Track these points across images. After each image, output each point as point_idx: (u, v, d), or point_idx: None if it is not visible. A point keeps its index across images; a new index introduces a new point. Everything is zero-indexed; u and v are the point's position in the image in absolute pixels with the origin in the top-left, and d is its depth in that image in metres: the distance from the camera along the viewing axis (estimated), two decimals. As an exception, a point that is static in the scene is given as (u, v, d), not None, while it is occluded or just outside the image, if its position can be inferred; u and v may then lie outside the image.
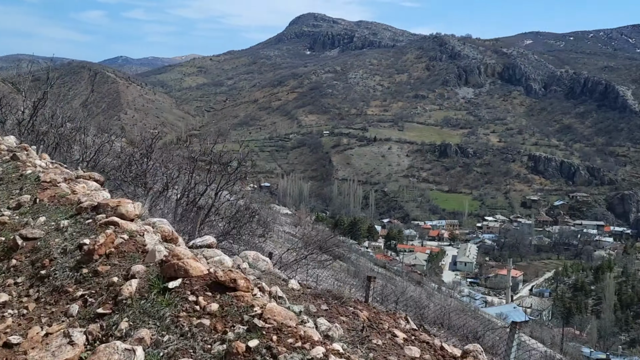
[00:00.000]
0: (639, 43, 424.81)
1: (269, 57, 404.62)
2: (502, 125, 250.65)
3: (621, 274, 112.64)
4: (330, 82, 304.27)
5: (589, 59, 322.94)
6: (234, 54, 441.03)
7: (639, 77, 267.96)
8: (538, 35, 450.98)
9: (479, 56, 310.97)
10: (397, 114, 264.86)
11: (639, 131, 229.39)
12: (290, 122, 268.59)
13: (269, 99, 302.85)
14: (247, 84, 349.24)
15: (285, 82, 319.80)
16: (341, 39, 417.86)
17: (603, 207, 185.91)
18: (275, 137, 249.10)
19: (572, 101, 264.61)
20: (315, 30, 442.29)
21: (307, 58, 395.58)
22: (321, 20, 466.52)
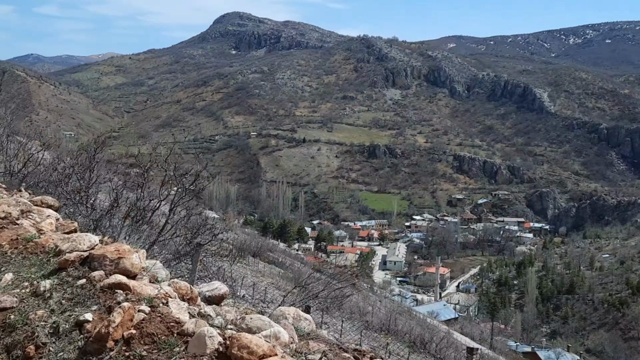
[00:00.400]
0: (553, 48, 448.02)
1: (193, 57, 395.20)
2: (429, 126, 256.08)
3: (541, 268, 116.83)
4: (258, 82, 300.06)
5: (509, 63, 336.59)
6: (155, 52, 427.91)
7: (555, 81, 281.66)
8: (461, 39, 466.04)
9: (405, 58, 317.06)
10: (325, 115, 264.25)
11: (555, 132, 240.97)
12: (216, 123, 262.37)
13: (193, 100, 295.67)
14: (170, 83, 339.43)
15: (210, 82, 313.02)
16: (268, 39, 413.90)
17: (523, 204, 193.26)
18: (200, 138, 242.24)
19: (494, 103, 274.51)
20: (240, 29, 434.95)
21: (232, 58, 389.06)
22: (247, 19, 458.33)
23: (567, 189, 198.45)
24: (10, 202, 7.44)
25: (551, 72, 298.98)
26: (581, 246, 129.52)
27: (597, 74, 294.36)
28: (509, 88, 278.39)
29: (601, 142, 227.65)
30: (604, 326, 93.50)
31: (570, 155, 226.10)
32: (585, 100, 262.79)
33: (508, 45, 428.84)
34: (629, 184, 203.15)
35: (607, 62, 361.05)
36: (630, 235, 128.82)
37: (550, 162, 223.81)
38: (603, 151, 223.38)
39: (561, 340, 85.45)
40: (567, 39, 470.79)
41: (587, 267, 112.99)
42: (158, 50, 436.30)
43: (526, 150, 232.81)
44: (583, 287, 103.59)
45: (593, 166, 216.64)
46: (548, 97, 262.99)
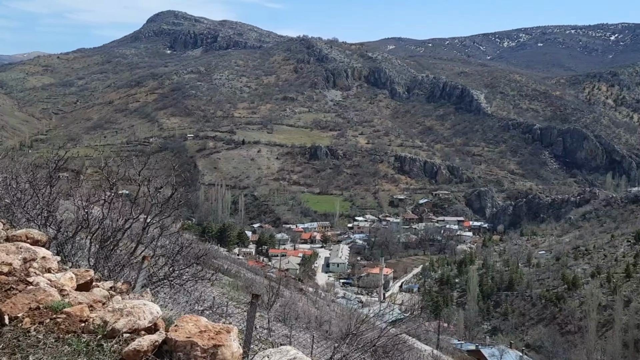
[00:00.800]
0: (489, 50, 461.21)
1: (125, 56, 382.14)
2: (370, 127, 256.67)
3: (482, 266, 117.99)
4: (194, 82, 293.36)
5: (447, 65, 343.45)
6: (85, 52, 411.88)
7: (491, 83, 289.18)
8: (400, 41, 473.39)
9: (346, 60, 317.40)
10: (265, 116, 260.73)
11: (492, 132, 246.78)
12: (151, 125, 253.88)
13: (126, 101, 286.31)
14: (101, 84, 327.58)
15: (144, 83, 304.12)
16: (204, 39, 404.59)
17: (462, 203, 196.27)
18: (134, 141, 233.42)
19: (433, 104, 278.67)
20: (175, 28, 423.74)
21: (167, 57, 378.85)
22: (182, 18, 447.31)
23: (504, 187, 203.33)
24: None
25: (487, 74, 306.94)
26: (519, 243, 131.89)
27: (530, 76, 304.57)
28: (447, 90, 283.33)
29: (535, 142, 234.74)
30: (542, 321, 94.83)
31: (506, 155, 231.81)
32: (520, 102, 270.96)
33: (446, 48, 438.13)
34: (561, 182, 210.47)
35: (539, 65, 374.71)
36: (564, 232, 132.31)
37: (488, 161, 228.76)
38: (537, 151, 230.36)
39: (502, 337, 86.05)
40: (501, 42, 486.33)
41: (524, 264, 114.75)
42: (88, 50, 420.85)
43: (465, 151, 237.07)
44: (521, 284, 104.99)
45: (528, 165, 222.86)
46: (485, 99, 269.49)
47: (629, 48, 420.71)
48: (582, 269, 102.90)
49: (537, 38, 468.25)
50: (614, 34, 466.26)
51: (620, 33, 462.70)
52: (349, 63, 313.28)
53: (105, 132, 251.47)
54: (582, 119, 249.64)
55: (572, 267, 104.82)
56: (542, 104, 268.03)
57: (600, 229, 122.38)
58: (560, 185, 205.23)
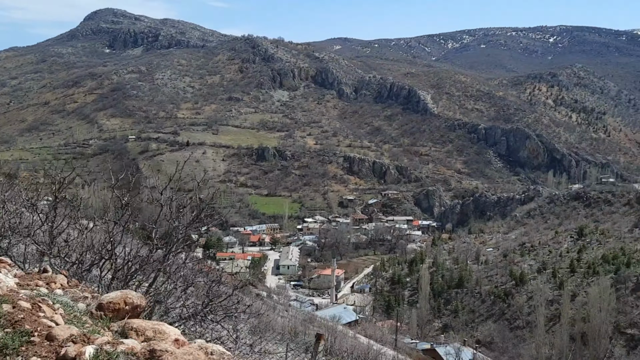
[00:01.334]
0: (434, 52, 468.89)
1: (61, 55, 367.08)
2: (318, 127, 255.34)
3: (432, 265, 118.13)
4: (135, 82, 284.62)
5: (393, 65, 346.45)
6: (18, 50, 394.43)
7: (437, 83, 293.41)
8: (346, 41, 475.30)
9: (292, 60, 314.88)
10: (210, 117, 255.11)
11: (438, 132, 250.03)
12: (90, 126, 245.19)
13: (63, 101, 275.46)
14: (36, 84, 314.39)
15: (82, 83, 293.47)
16: (145, 37, 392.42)
17: (411, 203, 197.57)
18: (73, 143, 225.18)
19: (381, 104, 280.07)
20: (115, 27, 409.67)
21: (106, 57, 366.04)
22: (121, 16, 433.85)
23: (451, 187, 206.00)
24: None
25: (433, 75, 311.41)
26: (467, 241, 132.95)
27: (474, 77, 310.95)
28: (394, 90, 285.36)
29: (480, 142, 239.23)
30: (491, 317, 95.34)
31: (453, 155, 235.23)
32: (465, 102, 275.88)
33: (392, 49, 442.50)
34: (506, 181, 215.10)
35: (482, 66, 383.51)
36: (510, 229, 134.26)
37: (435, 161, 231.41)
38: (482, 150, 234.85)
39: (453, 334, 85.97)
40: (446, 44, 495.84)
41: (473, 262, 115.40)
42: (21, 48, 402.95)
43: (412, 151, 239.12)
44: (471, 281, 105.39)
45: (473, 164, 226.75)
46: (431, 99, 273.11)
47: (566, 50, 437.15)
48: (529, 265, 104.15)
49: (480, 39, 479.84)
50: (552, 35, 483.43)
51: (558, 35, 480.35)
52: (296, 63, 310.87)
53: (41, 134, 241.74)
54: (524, 119, 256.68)
55: (519, 263, 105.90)
56: (486, 104, 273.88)
57: (544, 226, 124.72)
58: (504, 183, 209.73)
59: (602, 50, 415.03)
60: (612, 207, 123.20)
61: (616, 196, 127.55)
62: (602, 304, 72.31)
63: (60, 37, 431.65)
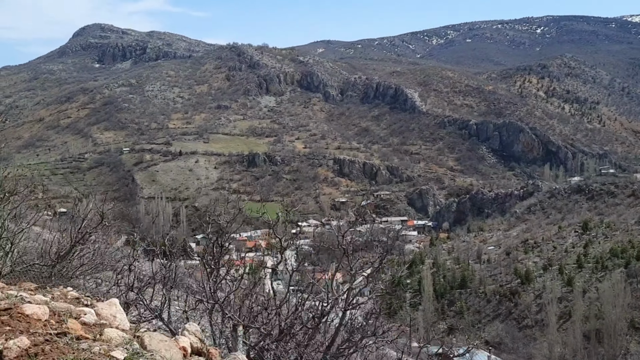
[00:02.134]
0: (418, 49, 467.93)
1: (53, 72, 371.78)
2: (306, 131, 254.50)
3: (432, 265, 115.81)
4: (126, 95, 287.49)
5: (378, 65, 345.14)
6: (11, 69, 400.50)
7: (424, 81, 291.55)
8: (329, 44, 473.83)
9: (277, 65, 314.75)
10: (200, 126, 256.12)
11: (428, 130, 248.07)
12: (84, 140, 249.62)
13: (57, 117, 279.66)
14: (29, 101, 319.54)
15: (75, 98, 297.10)
16: (133, 50, 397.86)
17: (404, 203, 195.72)
18: (68, 157, 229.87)
19: (367, 105, 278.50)
20: (103, 41, 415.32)
21: (96, 71, 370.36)
22: (109, 31, 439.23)
23: (445, 185, 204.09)
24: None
25: (419, 72, 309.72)
26: (467, 240, 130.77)
27: (462, 73, 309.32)
28: (381, 90, 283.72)
29: (472, 138, 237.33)
30: (498, 317, 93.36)
31: (444, 152, 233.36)
32: (454, 98, 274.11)
33: (375, 48, 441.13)
34: (501, 176, 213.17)
35: (469, 61, 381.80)
36: (511, 226, 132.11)
37: (426, 159, 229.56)
38: (474, 146, 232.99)
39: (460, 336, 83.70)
40: (430, 40, 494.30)
41: (475, 261, 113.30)
42: (14, 67, 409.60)
43: (402, 150, 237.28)
44: (474, 281, 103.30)
45: (466, 161, 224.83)
46: (419, 97, 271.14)
47: (555, 40, 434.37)
48: (533, 262, 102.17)
49: (465, 34, 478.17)
50: (539, 26, 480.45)
51: (545, 26, 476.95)
52: (281, 68, 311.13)
53: (37, 150, 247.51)
54: (516, 112, 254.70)
55: (523, 261, 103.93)
56: (476, 99, 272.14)
57: (546, 221, 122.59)
58: (499, 179, 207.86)
59: (592, 39, 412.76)
60: (616, 199, 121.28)
61: (619, 187, 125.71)
62: (616, 299, 70.16)
63: (51, 54, 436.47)
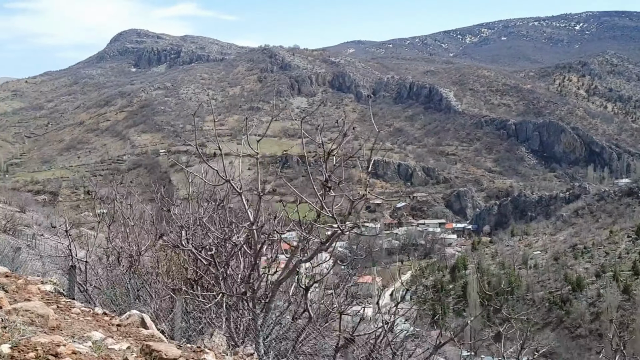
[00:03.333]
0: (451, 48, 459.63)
1: (92, 77, 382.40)
2: (338, 132, 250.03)
3: (476, 270, 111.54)
4: (162, 98, 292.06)
5: (411, 64, 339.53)
6: (52, 74, 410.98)
7: (459, 80, 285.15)
8: (360, 44, 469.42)
9: (309, 66, 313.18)
10: (234, 127, 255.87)
11: (464, 130, 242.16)
12: (123, 143, 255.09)
13: (97, 120, 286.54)
14: (70, 105, 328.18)
15: (113, 102, 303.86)
16: (167, 55, 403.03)
17: (442, 205, 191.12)
18: (108, 159, 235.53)
19: (401, 105, 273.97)
20: (139, 46, 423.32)
21: (133, 75, 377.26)
22: (145, 36, 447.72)
23: (483, 186, 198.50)
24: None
25: (454, 71, 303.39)
26: (510, 244, 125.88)
27: (499, 71, 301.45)
28: (414, 89, 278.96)
29: (510, 138, 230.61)
30: (548, 326, 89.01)
31: (482, 153, 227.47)
32: (491, 97, 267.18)
33: (407, 48, 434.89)
34: (541, 178, 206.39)
35: (504, 59, 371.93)
36: (557, 230, 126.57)
37: (463, 160, 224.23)
38: (513, 147, 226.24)
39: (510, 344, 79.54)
40: (463, 39, 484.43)
41: (520, 266, 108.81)
42: (55, 72, 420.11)
43: (438, 151, 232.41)
44: (521, 287, 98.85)
45: (505, 162, 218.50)
46: (454, 96, 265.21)
47: (595, 37, 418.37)
48: (584, 269, 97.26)
49: (500, 32, 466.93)
50: (578, 23, 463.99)
51: (585, 22, 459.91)
52: (312, 69, 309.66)
53: (78, 153, 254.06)
54: (556, 112, 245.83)
55: (573, 266, 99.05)
56: (514, 99, 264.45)
57: (596, 225, 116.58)
58: (540, 180, 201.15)
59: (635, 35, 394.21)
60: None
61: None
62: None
63: (90, 59, 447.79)
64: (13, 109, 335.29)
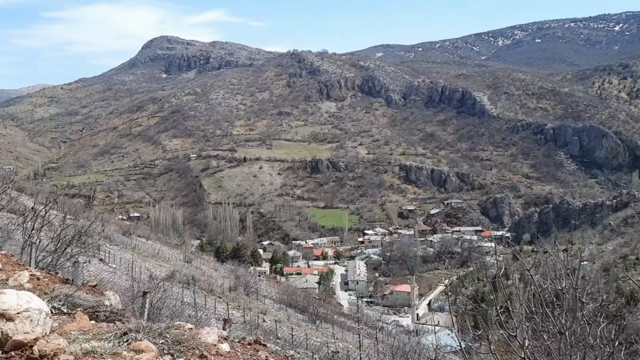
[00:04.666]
0: (483, 50, 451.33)
1: (124, 83, 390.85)
2: (369, 137, 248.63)
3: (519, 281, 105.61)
4: (192, 104, 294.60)
5: (442, 68, 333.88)
6: (86, 81, 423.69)
7: (493, 83, 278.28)
8: (388, 48, 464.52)
9: (337, 70, 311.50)
10: (263, 132, 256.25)
11: (499, 135, 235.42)
12: (154, 147, 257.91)
13: (129, 126, 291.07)
14: (104, 111, 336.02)
15: (145, 107, 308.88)
16: (197, 60, 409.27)
17: (477, 212, 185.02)
18: (140, 164, 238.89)
19: (432, 109, 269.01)
20: (169, 53, 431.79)
21: (163, 81, 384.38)
22: (175, 42, 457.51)
23: (521, 193, 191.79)
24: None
25: (488, 74, 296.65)
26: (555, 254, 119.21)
27: (534, 74, 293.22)
28: (447, 93, 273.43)
29: (548, 143, 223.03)
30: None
31: (518, 158, 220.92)
32: (527, 101, 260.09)
33: (437, 51, 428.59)
34: (582, 184, 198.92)
35: (539, 62, 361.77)
36: (605, 240, 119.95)
37: (498, 166, 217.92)
38: (551, 152, 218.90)
39: None
40: (495, 41, 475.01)
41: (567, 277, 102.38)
42: (89, 79, 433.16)
43: (472, 156, 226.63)
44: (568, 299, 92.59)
45: (543, 168, 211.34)
46: (488, 100, 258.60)
47: (636, 38, 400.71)
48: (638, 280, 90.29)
49: (534, 34, 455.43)
50: (617, 24, 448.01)
51: (624, 22, 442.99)
52: (341, 73, 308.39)
53: (112, 157, 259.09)
54: (596, 116, 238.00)
55: (625, 279, 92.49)
56: (551, 102, 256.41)
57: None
58: (580, 187, 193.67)
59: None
60: None
61: None
62: None
63: (122, 66, 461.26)
64: (50, 115, 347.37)
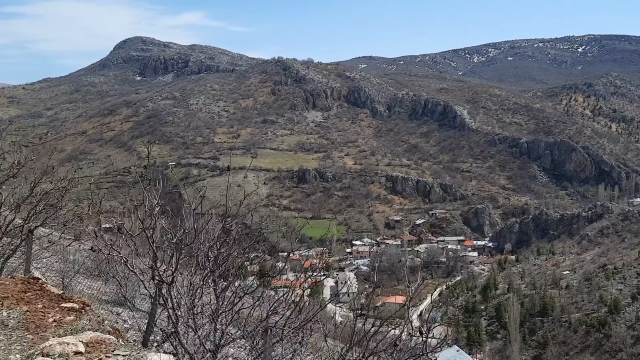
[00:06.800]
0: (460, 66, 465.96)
1: (94, 84, 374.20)
2: (355, 147, 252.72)
3: (507, 290, 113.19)
4: (170, 109, 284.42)
5: (423, 82, 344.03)
6: (51, 81, 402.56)
7: (472, 98, 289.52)
8: (371, 60, 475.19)
9: (324, 80, 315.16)
10: (247, 140, 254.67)
11: (478, 147, 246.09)
12: (128, 154, 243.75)
13: (100, 130, 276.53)
14: (71, 114, 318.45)
15: (117, 111, 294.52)
16: (175, 64, 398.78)
17: (460, 222, 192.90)
18: (113, 171, 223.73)
19: (416, 121, 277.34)
20: (144, 54, 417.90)
21: (137, 84, 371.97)
22: (150, 44, 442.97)
23: (499, 203, 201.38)
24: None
25: (467, 89, 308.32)
26: (537, 264, 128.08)
27: (509, 90, 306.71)
28: (429, 106, 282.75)
29: (523, 156, 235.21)
30: (587, 349, 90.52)
31: (495, 170, 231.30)
32: (503, 116, 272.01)
33: (417, 65, 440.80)
34: (554, 196, 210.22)
35: (511, 79, 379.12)
36: (583, 250, 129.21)
37: (478, 177, 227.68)
38: (525, 165, 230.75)
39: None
40: (471, 58, 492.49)
41: (551, 286, 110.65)
42: (55, 79, 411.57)
43: (453, 167, 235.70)
44: (555, 308, 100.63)
45: (518, 180, 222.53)
46: (468, 114, 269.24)
47: (596, 59, 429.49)
48: (618, 290, 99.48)
49: (507, 52, 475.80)
50: (581, 45, 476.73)
51: (587, 45, 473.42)
52: (327, 83, 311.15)
53: (80, 164, 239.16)
54: (565, 131, 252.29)
55: (606, 287, 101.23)
56: (524, 117, 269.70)
57: (622, 245, 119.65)
58: (552, 198, 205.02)
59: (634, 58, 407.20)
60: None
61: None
62: None
63: (92, 66, 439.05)
64: (10, 117, 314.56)
